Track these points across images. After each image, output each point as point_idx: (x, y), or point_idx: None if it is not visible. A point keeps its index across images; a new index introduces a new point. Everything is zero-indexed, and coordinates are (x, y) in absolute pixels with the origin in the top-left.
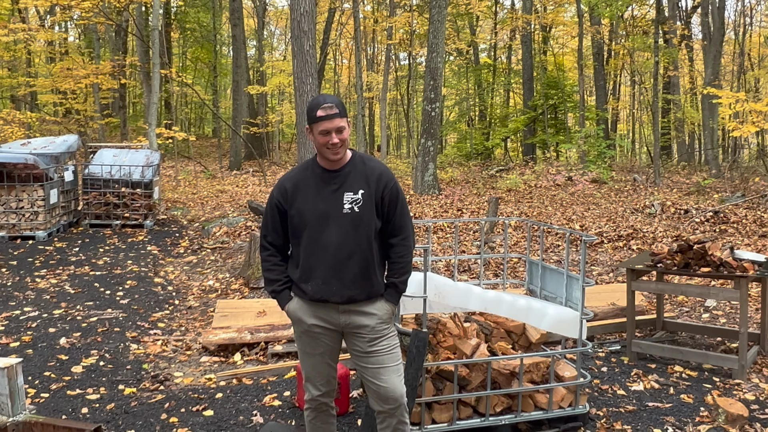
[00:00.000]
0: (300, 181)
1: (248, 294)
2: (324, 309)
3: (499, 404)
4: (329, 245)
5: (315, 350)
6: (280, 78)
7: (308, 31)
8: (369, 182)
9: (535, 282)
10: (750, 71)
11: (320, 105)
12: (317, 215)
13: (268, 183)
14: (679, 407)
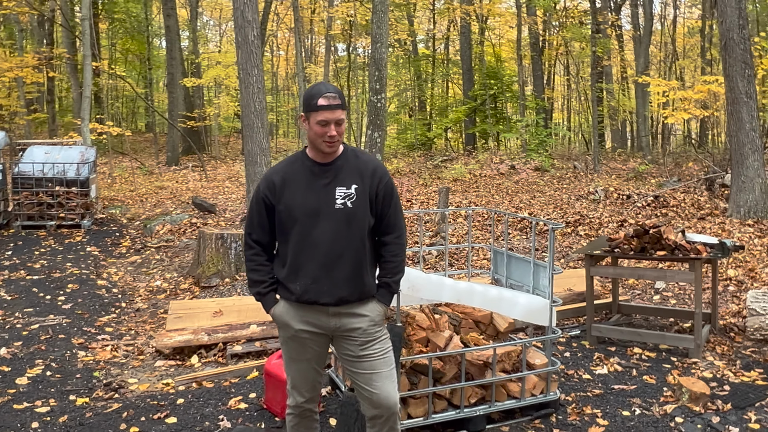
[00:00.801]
0: (288, 174)
1: (200, 293)
2: (313, 312)
3: (473, 395)
4: (320, 242)
5: (302, 356)
6: (217, 70)
7: (252, 21)
8: (363, 177)
9: (501, 271)
10: (677, 61)
11: (322, 93)
12: (307, 210)
13: (209, 178)
14: (643, 388)
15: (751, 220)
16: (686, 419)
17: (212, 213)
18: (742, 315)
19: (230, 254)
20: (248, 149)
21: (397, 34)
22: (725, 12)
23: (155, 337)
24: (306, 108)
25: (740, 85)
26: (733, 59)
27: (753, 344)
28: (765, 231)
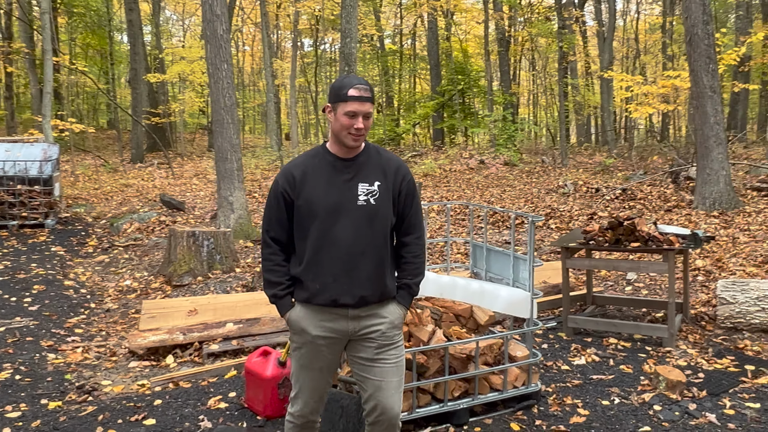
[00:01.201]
0: (309, 168)
1: (172, 293)
2: (331, 315)
3: (456, 389)
4: (341, 240)
5: (314, 364)
6: (182, 65)
7: (221, 15)
8: (386, 174)
9: (480, 264)
10: (640, 56)
11: (353, 84)
12: (328, 206)
13: (176, 175)
14: (621, 378)
15: (716, 211)
16: (664, 407)
17: (181, 210)
18: (711, 304)
19: (202, 252)
20: (218, 145)
21: (365, 29)
22: (690, 8)
23: (128, 338)
24: (334, 98)
25: (705, 79)
26: (698, 54)
27: (723, 332)
28: (730, 222)
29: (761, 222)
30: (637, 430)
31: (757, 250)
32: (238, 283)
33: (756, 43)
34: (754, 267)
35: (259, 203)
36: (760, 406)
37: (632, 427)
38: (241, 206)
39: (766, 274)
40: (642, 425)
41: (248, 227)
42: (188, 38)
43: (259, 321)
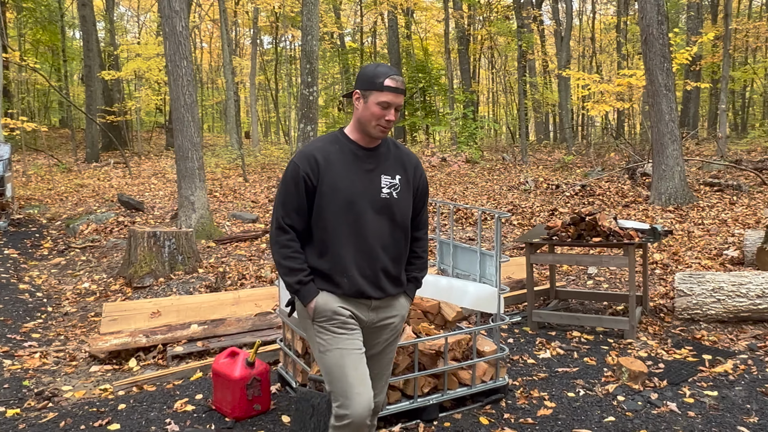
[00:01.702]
0: (331, 154)
1: (133, 294)
2: (355, 303)
3: (426, 385)
4: (365, 231)
5: (354, 345)
6: (137, 63)
7: (180, 11)
8: (406, 168)
9: (447, 261)
10: (596, 55)
11: (389, 74)
12: (354, 195)
13: (134, 174)
14: (585, 370)
15: (671, 206)
16: (627, 397)
17: (140, 211)
18: (670, 296)
19: (164, 252)
20: (179, 144)
21: (326, 27)
22: (645, 8)
23: (89, 342)
24: (367, 86)
25: (660, 78)
26: (653, 53)
27: (681, 323)
28: (685, 216)
29: (714, 216)
30: (602, 421)
31: (711, 243)
32: (201, 283)
33: (706, 43)
34: (709, 260)
35: (220, 202)
36: (717, 394)
37: (597, 417)
38: (203, 206)
39: (720, 266)
40: (607, 416)
41: (210, 227)
42: (144, 35)
43: (225, 322)
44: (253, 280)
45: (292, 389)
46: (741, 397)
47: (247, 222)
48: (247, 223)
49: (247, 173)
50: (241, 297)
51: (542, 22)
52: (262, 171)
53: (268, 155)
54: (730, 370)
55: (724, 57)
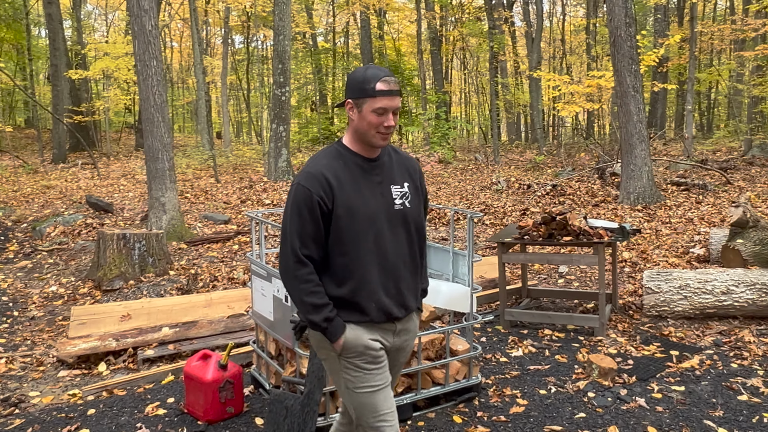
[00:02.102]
0: (338, 171)
1: (102, 298)
2: (380, 331)
3: (400, 384)
4: (386, 250)
5: (384, 379)
6: (106, 62)
7: (149, 10)
8: (411, 174)
9: None
10: (566, 57)
11: (380, 77)
12: (370, 213)
13: (102, 176)
14: (556, 367)
15: (640, 205)
16: (597, 393)
17: (109, 212)
18: (638, 294)
19: (134, 255)
20: (149, 144)
21: (298, 27)
22: (613, 10)
23: (57, 346)
24: (359, 93)
25: (628, 79)
26: (622, 55)
27: (650, 320)
28: (653, 215)
29: (681, 215)
30: (573, 417)
31: (678, 241)
32: (172, 286)
33: (673, 45)
34: (676, 258)
35: (191, 203)
36: (684, 389)
37: (568, 414)
38: (174, 207)
39: (687, 264)
40: (578, 412)
41: (181, 228)
42: (112, 33)
43: (197, 324)
44: (226, 282)
45: (266, 391)
46: (707, 392)
47: (219, 223)
48: (219, 224)
49: (219, 174)
50: (213, 299)
51: (513, 23)
52: (234, 172)
53: (240, 156)
54: (697, 366)
55: (690, 59)
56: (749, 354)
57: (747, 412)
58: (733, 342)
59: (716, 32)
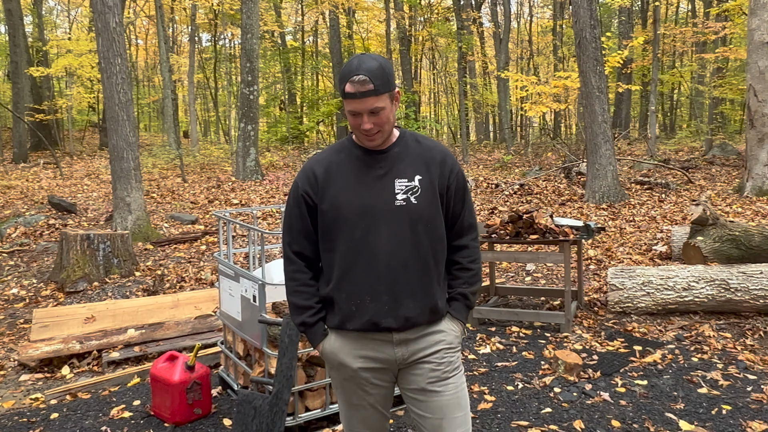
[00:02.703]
0: (333, 164)
1: (65, 300)
2: (373, 342)
3: None
4: (378, 249)
5: (363, 400)
6: (68, 59)
7: (113, 7)
8: (429, 166)
9: None
10: (533, 58)
11: (349, 77)
12: (359, 209)
13: (65, 175)
14: (523, 364)
15: (605, 204)
16: (563, 389)
17: (72, 213)
18: (603, 291)
19: (98, 256)
20: (113, 144)
21: (266, 25)
22: (578, 13)
23: (18, 350)
24: (340, 91)
25: (593, 80)
26: (587, 57)
27: (614, 316)
28: (617, 214)
29: (644, 213)
30: (540, 412)
31: (642, 239)
32: (138, 287)
33: (637, 47)
34: (639, 255)
35: (158, 203)
36: (647, 382)
37: (535, 409)
38: (139, 207)
39: (650, 261)
40: (544, 407)
41: (147, 228)
42: (75, 30)
43: (163, 325)
44: (193, 283)
45: (234, 392)
46: (669, 385)
47: (186, 223)
48: (186, 224)
49: (186, 173)
50: (180, 300)
51: (482, 24)
52: (202, 171)
53: (208, 155)
54: (659, 360)
55: (653, 61)
56: (709, 348)
57: (707, 404)
58: (693, 337)
59: (678, 35)
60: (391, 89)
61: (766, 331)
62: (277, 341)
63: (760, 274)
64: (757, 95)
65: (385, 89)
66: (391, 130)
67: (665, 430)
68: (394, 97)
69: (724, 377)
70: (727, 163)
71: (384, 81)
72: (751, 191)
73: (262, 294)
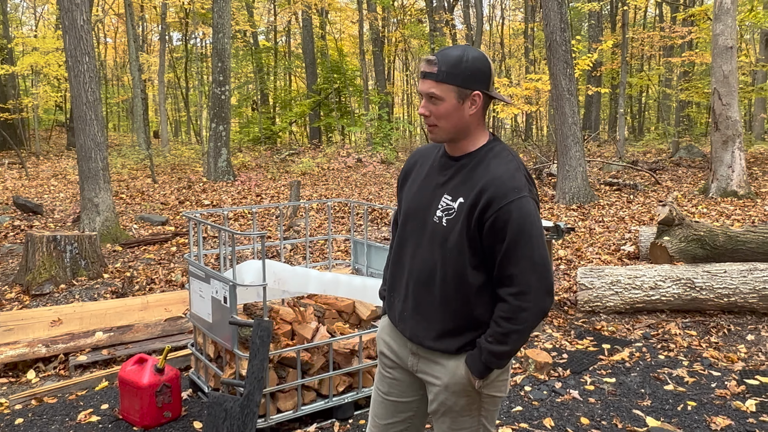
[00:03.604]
0: (423, 158)
1: (30, 302)
2: (397, 337)
3: (341, 384)
4: (410, 257)
5: (380, 386)
6: (35, 57)
7: (81, 4)
8: (477, 192)
9: (361, 261)
10: (505, 60)
11: (426, 58)
12: (411, 211)
13: (31, 176)
14: None
15: (575, 204)
16: (534, 387)
17: (38, 214)
18: (573, 290)
19: (65, 258)
20: (81, 143)
21: (238, 25)
22: (549, 16)
23: None
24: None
25: (563, 83)
26: (557, 59)
27: (583, 315)
28: (587, 214)
29: (613, 214)
30: (510, 411)
31: (611, 239)
32: (106, 289)
33: (606, 51)
34: (608, 255)
35: (127, 204)
36: (615, 380)
37: (506, 408)
38: (108, 208)
39: (618, 261)
40: (515, 406)
41: (116, 230)
42: (42, 27)
43: (132, 328)
44: (163, 285)
45: (205, 394)
46: (636, 383)
47: (156, 224)
48: (156, 225)
49: (156, 174)
50: (149, 302)
51: (454, 26)
52: (173, 172)
53: (179, 155)
54: (627, 358)
55: (622, 64)
56: (675, 346)
57: (672, 400)
58: (660, 335)
59: (646, 39)
60: (461, 84)
61: (730, 329)
62: (248, 343)
63: (724, 273)
64: (721, 99)
65: (451, 80)
66: (456, 131)
67: (633, 426)
68: (466, 97)
69: (690, 374)
70: (693, 164)
71: (454, 72)
72: (716, 192)
73: (233, 295)
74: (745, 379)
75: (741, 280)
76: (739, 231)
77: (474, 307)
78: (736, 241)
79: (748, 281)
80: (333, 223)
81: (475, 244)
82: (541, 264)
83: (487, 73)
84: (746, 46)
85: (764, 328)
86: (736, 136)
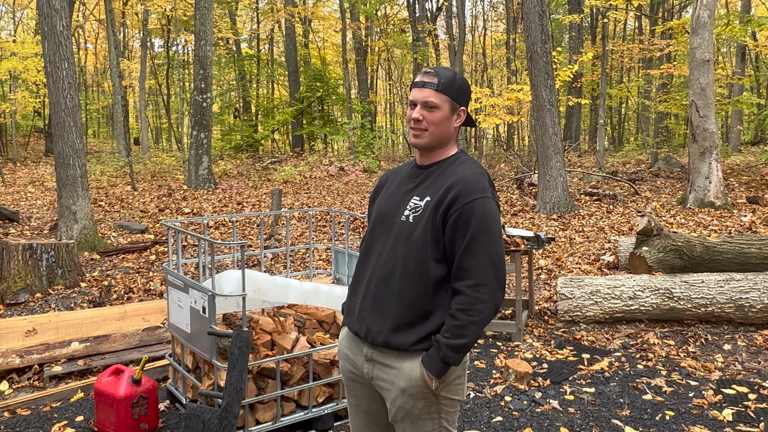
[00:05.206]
0: (394, 174)
1: (5, 312)
2: (356, 343)
3: (321, 394)
4: (376, 256)
5: (351, 399)
6: (13, 62)
7: (60, 9)
8: (444, 191)
9: (342, 270)
10: (487, 70)
11: (423, 70)
12: (379, 217)
13: (8, 182)
14: (475, 372)
15: (555, 214)
16: (514, 397)
17: (15, 221)
18: (553, 300)
19: (41, 266)
20: (59, 150)
21: (221, 32)
22: (530, 27)
23: None
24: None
25: (544, 93)
26: (538, 70)
27: (563, 325)
28: (567, 224)
29: (593, 224)
30: (491, 421)
31: (590, 249)
32: (83, 298)
33: (586, 62)
34: (588, 265)
35: (106, 212)
36: (594, 390)
37: (486, 418)
38: (86, 216)
39: (598, 270)
40: (495, 416)
41: (94, 238)
42: (20, 32)
43: (109, 338)
44: (141, 294)
45: (182, 406)
46: (615, 392)
47: (135, 232)
48: (136, 233)
49: (136, 181)
50: (127, 311)
51: (437, 36)
52: (153, 179)
53: (159, 163)
54: (606, 368)
55: (602, 75)
56: (653, 355)
57: (651, 410)
58: (639, 344)
59: (626, 51)
60: (456, 98)
61: (707, 339)
62: (227, 353)
63: (701, 283)
64: (698, 111)
65: (449, 93)
66: (440, 139)
67: None
68: (455, 111)
69: (668, 384)
70: (672, 175)
71: (451, 87)
72: (694, 203)
73: (212, 305)
74: (722, 389)
75: (718, 290)
76: (716, 241)
77: (430, 299)
78: (714, 252)
79: (725, 291)
80: (314, 232)
81: (438, 236)
82: (498, 261)
83: (470, 94)
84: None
85: (741, 338)
86: (713, 148)
